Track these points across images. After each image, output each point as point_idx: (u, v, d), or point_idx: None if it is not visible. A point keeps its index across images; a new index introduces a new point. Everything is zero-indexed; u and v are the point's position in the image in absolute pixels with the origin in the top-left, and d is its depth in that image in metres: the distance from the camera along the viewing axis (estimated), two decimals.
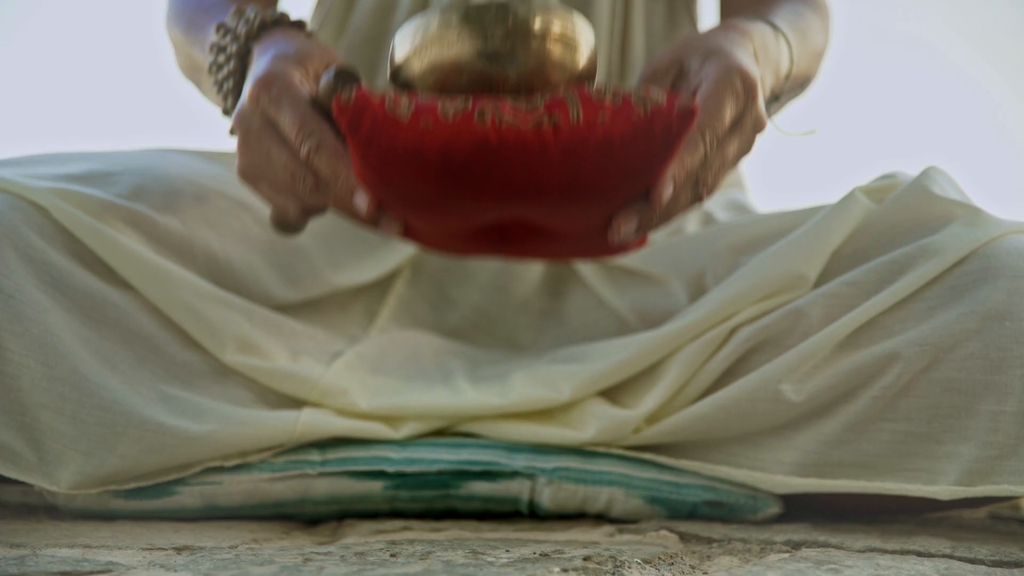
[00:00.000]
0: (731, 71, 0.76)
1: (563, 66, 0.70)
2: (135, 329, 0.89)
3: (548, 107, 0.68)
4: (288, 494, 0.88)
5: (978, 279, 0.83)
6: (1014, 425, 0.80)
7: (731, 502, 0.89)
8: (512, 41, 0.69)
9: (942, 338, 0.82)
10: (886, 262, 0.86)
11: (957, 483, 0.80)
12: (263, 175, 0.75)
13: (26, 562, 0.68)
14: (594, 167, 0.68)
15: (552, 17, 0.70)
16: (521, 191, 0.69)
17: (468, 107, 0.68)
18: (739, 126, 0.77)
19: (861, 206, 0.91)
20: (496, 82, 0.70)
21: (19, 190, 0.87)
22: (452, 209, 0.70)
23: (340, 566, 0.66)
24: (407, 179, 0.68)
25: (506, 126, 0.67)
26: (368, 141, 0.67)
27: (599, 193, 0.70)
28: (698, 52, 0.79)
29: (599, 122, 0.68)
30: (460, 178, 0.68)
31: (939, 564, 0.72)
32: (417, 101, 0.68)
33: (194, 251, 0.95)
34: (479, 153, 0.66)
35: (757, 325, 0.89)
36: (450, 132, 0.67)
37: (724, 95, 0.75)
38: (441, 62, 0.69)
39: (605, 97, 0.69)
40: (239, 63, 0.83)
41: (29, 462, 0.84)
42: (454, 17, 0.69)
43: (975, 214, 0.87)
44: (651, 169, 0.70)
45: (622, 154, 0.68)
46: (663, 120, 0.69)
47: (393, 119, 0.67)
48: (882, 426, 0.84)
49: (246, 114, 0.76)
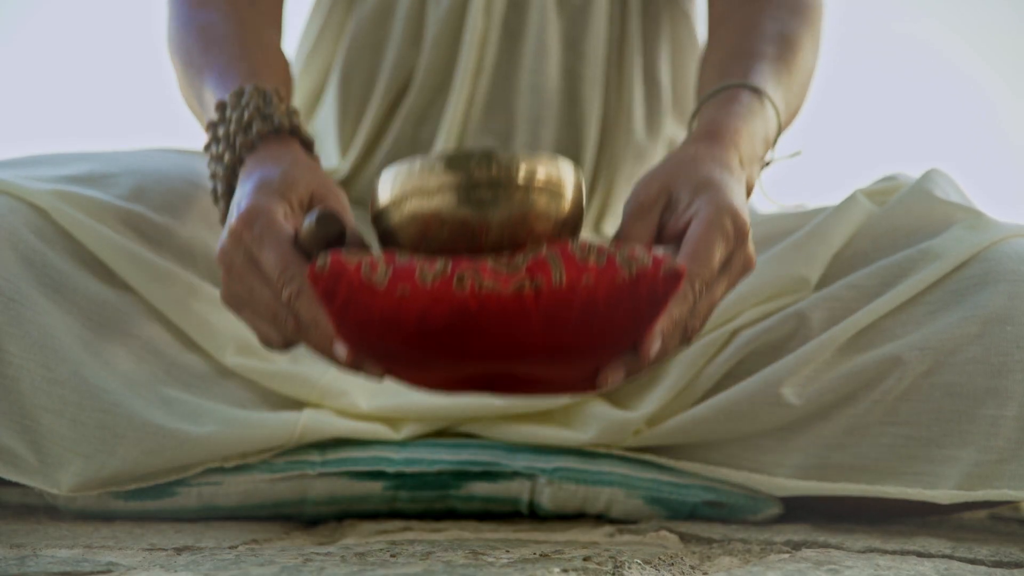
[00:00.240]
0: (721, 212, 0.73)
1: (547, 215, 0.68)
2: (135, 331, 0.89)
3: (529, 269, 0.66)
4: (288, 494, 0.88)
5: (979, 283, 0.83)
6: (1014, 430, 0.80)
7: (731, 503, 0.89)
8: (495, 191, 0.67)
9: (943, 342, 0.82)
10: (887, 265, 0.86)
11: (957, 487, 0.80)
12: (247, 304, 0.74)
13: (26, 562, 0.68)
14: (578, 330, 0.66)
15: (536, 166, 0.67)
16: (503, 354, 0.67)
17: (447, 271, 0.65)
18: (728, 268, 0.74)
19: (862, 209, 0.91)
20: (478, 233, 0.67)
21: (19, 192, 0.87)
22: (433, 367, 0.69)
23: (340, 566, 0.66)
24: (386, 343, 0.67)
25: (486, 291, 0.65)
26: (344, 309, 0.65)
27: (583, 353, 0.68)
28: (687, 184, 0.75)
29: (582, 284, 0.66)
30: (440, 344, 0.66)
31: (939, 564, 0.72)
32: (394, 265, 0.66)
33: (194, 252, 0.95)
34: (458, 320, 0.65)
35: (758, 328, 0.89)
36: (428, 299, 0.64)
37: (714, 240, 0.72)
38: (422, 212, 0.67)
39: (589, 256, 0.67)
40: (230, 173, 0.82)
41: (30, 465, 0.84)
42: (437, 164, 0.67)
43: (976, 218, 0.87)
44: (637, 329, 0.68)
45: (607, 317, 0.66)
46: (649, 282, 0.66)
47: (369, 286, 0.65)
48: (883, 430, 0.84)
49: (228, 250, 0.74)
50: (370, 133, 1.10)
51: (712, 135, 0.82)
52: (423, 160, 0.67)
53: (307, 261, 0.70)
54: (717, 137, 0.82)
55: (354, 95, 1.11)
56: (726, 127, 0.83)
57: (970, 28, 2.18)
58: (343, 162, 1.13)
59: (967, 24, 2.18)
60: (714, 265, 0.72)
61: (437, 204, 0.67)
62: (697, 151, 0.80)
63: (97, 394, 0.85)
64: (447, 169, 0.67)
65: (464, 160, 0.67)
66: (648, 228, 0.75)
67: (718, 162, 0.78)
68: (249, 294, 0.73)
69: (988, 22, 2.17)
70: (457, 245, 0.68)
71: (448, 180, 0.67)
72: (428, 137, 1.09)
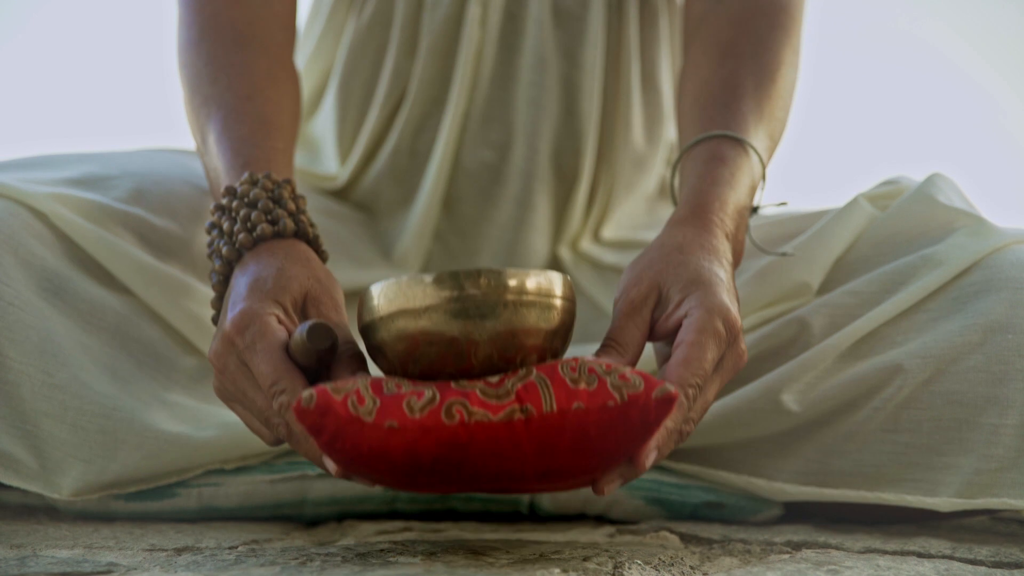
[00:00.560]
0: (712, 314, 0.72)
1: (537, 328, 0.67)
2: (135, 335, 0.89)
3: (519, 395, 0.65)
4: (288, 495, 0.88)
5: (981, 290, 0.83)
6: (1015, 438, 0.80)
7: (731, 504, 0.89)
8: (483, 309, 0.66)
9: (944, 350, 0.82)
10: (889, 272, 0.86)
11: (957, 495, 0.80)
12: (239, 402, 0.74)
13: (27, 563, 0.68)
14: (569, 455, 0.66)
15: (525, 281, 0.67)
16: (494, 479, 0.67)
17: (435, 401, 0.64)
18: (720, 368, 0.73)
19: (865, 213, 0.91)
20: (467, 351, 0.66)
21: (18, 195, 0.87)
22: (423, 490, 0.69)
23: (341, 567, 0.66)
24: (375, 473, 0.66)
25: (475, 420, 0.64)
26: (332, 443, 0.64)
27: (576, 474, 0.68)
28: (677, 281, 0.75)
29: (573, 409, 0.65)
30: (429, 474, 0.65)
31: (939, 565, 0.72)
32: (381, 397, 0.65)
33: (193, 255, 0.95)
34: (448, 452, 0.64)
35: (759, 333, 0.89)
36: (417, 432, 0.64)
37: (706, 344, 0.71)
38: (409, 331, 0.67)
39: (579, 380, 0.66)
40: (226, 268, 0.80)
41: (31, 470, 0.84)
42: (425, 283, 0.66)
43: (978, 224, 0.86)
44: (629, 449, 0.68)
45: (598, 441, 0.66)
46: (640, 407, 0.65)
47: (357, 420, 0.64)
48: (883, 437, 0.84)
49: (221, 353, 0.73)
50: (369, 142, 1.10)
51: (698, 215, 0.81)
52: (411, 278, 0.67)
53: (299, 372, 0.70)
54: (703, 218, 0.81)
55: (353, 102, 1.11)
56: (711, 202, 0.82)
57: (974, 29, 2.18)
58: (342, 169, 1.12)
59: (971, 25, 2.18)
60: (707, 369, 0.71)
61: (425, 323, 0.66)
62: (685, 238, 0.79)
63: (97, 399, 0.85)
64: (435, 288, 0.66)
65: (452, 279, 0.66)
66: (640, 327, 0.74)
67: (706, 250, 0.78)
68: (242, 395, 0.73)
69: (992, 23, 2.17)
70: (446, 362, 0.67)
71: (436, 299, 0.66)
72: (425, 148, 1.08)
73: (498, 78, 1.07)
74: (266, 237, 0.78)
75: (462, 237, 1.10)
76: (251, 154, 0.84)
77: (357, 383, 0.65)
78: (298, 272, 0.76)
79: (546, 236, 1.10)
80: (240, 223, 0.79)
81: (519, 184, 1.07)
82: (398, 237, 1.10)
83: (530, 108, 1.06)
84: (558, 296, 0.68)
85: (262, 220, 0.78)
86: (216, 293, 0.79)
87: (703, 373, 0.71)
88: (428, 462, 0.64)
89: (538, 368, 0.67)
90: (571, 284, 0.70)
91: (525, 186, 1.07)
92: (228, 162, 0.84)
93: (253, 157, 0.84)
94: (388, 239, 1.11)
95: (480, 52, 1.06)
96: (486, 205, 1.08)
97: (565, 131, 1.08)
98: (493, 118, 1.07)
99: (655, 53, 1.12)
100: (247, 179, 0.80)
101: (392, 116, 1.09)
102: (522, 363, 0.68)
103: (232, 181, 0.82)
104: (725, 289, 0.75)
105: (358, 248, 1.09)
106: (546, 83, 1.06)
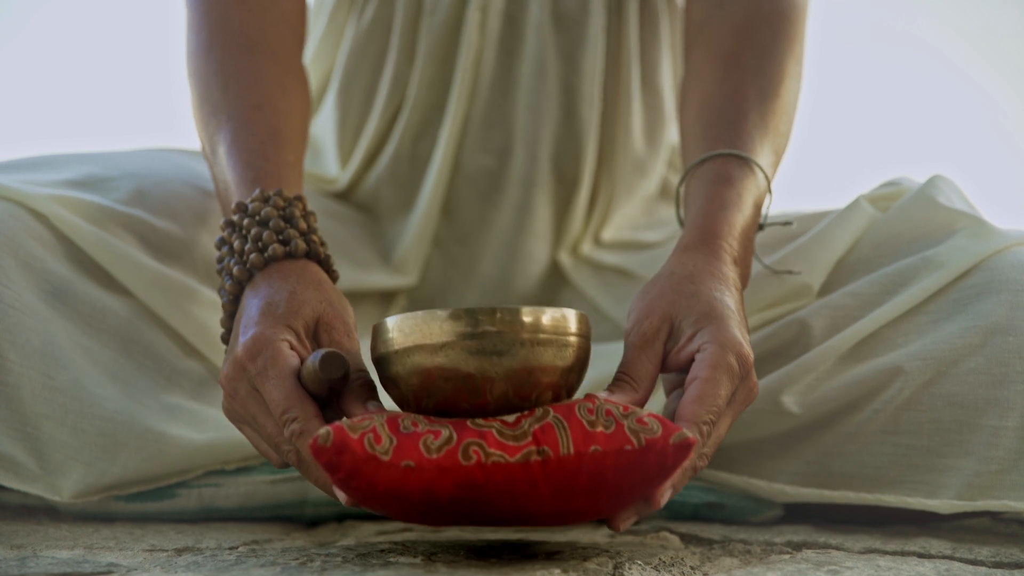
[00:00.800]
0: (726, 350, 0.72)
1: (553, 366, 0.67)
2: (136, 337, 0.89)
3: (536, 436, 0.65)
4: (288, 496, 0.88)
5: (981, 292, 0.82)
6: (1015, 440, 0.80)
7: (732, 504, 0.89)
8: (499, 347, 0.66)
9: (945, 352, 0.82)
10: (889, 273, 0.86)
11: (957, 497, 0.80)
12: (249, 425, 0.74)
13: (27, 564, 0.68)
14: (585, 497, 0.66)
15: (540, 319, 0.67)
16: (510, 520, 0.67)
17: (452, 440, 0.64)
18: (732, 402, 0.74)
19: (866, 215, 0.91)
20: (482, 388, 0.66)
21: (18, 197, 0.87)
22: (437, 525, 0.69)
23: (341, 567, 0.66)
24: (389, 510, 0.66)
25: (492, 461, 0.64)
26: (347, 481, 0.64)
27: (591, 514, 0.68)
28: (690, 315, 0.75)
29: (590, 452, 0.65)
30: (444, 512, 0.65)
31: (939, 565, 0.72)
32: (398, 435, 0.64)
33: (194, 256, 0.95)
34: (465, 493, 0.64)
35: (760, 335, 0.89)
36: (434, 472, 0.63)
37: (720, 381, 0.71)
38: (425, 367, 0.67)
39: (597, 422, 0.66)
40: (236, 287, 0.79)
41: (31, 472, 0.84)
42: (441, 319, 0.66)
43: (979, 225, 0.86)
44: (645, 492, 0.68)
45: (615, 484, 0.66)
46: (658, 452, 0.65)
47: (373, 459, 0.63)
48: (884, 439, 0.84)
49: (232, 377, 0.73)
50: (369, 147, 1.10)
51: (707, 242, 0.81)
52: (427, 314, 0.67)
53: (311, 400, 0.70)
54: (711, 244, 0.81)
55: (353, 107, 1.11)
56: (719, 226, 0.82)
57: (974, 29, 2.18)
58: (343, 173, 1.12)
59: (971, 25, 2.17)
60: (721, 405, 0.71)
61: (441, 359, 0.66)
62: (696, 267, 0.78)
63: (98, 401, 0.85)
64: (451, 324, 0.66)
65: (469, 316, 0.66)
66: (653, 361, 0.74)
67: (717, 279, 0.78)
68: (252, 419, 0.73)
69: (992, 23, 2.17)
70: (461, 397, 0.67)
71: (452, 335, 0.66)
72: (425, 153, 1.08)
73: (498, 83, 1.06)
74: (277, 258, 0.78)
75: (462, 243, 1.10)
76: (262, 168, 0.83)
77: (374, 421, 0.65)
78: (310, 296, 0.76)
79: (546, 241, 1.10)
80: (251, 242, 0.78)
81: (519, 189, 1.07)
82: (397, 241, 1.09)
83: (530, 113, 1.06)
84: (573, 333, 0.69)
85: (273, 240, 0.78)
86: (225, 312, 0.79)
87: (717, 409, 0.71)
88: (444, 501, 0.64)
89: (555, 409, 0.67)
90: (587, 320, 0.70)
91: (525, 191, 1.07)
92: (239, 175, 0.83)
93: (264, 172, 0.83)
94: (388, 242, 1.11)
95: (480, 57, 1.05)
96: (486, 210, 1.08)
97: (565, 136, 1.07)
98: (493, 123, 1.07)
99: (655, 56, 1.11)
100: (258, 196, 0.80)
101: (392, 121, 1.09)
102: (537, 399, 0.68)
103: (243, 197, 0.81)
104: (736, 323, 0.75)
105: (358, 250, 1.09)
106: (546, 88, 1.06)
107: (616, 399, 0.70)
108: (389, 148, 1.09)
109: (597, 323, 1.06)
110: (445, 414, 0.68)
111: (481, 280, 1.09)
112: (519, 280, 1.09)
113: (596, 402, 0.67)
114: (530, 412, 0.67)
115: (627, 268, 1.07)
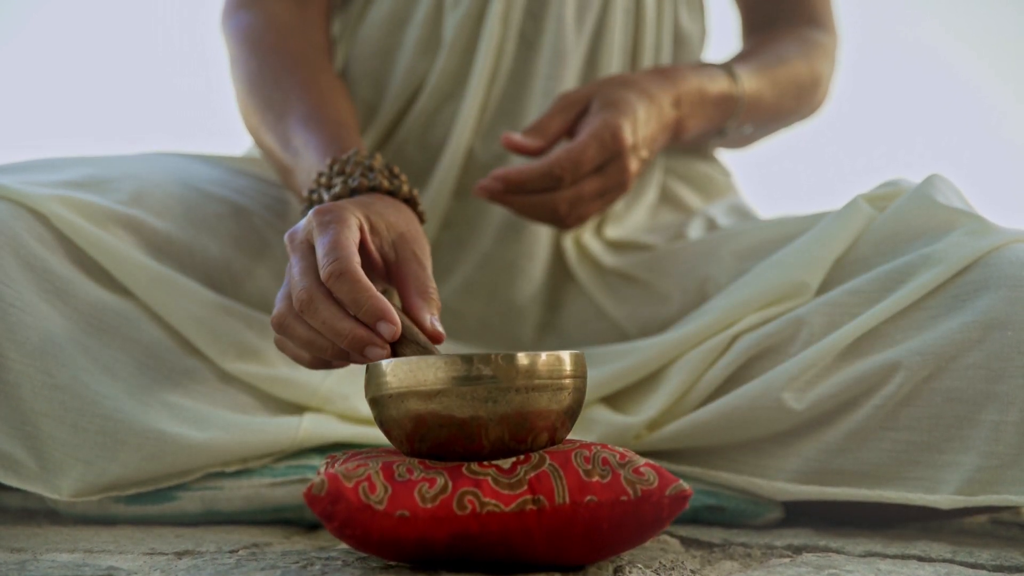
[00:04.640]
0: (605, 127, 0.92)
1: (548, 411, 0.67)
2: (136, 336, 0.89)
3: (532, 485, 0.65)
4: (289, 499, 0.88)
5: (980, 288, 0.83)
6: (1015, 435, 0.80)
7: (732, 507, 0.89)
8: (494, 394, 0.65)
9: (944, 347, 0.82)
10: (888, 271, 0.86)
11: (958, 492, 0.80)
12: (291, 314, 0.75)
13: (27, 567, 0.68)
14: (579, 546, 0.66)
15: (536, 364, 0.66)
16: (504, 567, 0.67)
17: (447, 490, 0.64)
18: (602, 173, 0.94)
19: (863, 214, 0.91)
20: (476, 434, 0.66)
21: (19, 197, 0.87)
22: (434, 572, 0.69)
23: (342, 571, 0.66)
24: (385, 556, 0.67)
25: (487, 511, 0.64)
26: (342, 529, 0.64)
27: (586, 561, 0.68)
28: (603, 99, 0.95)
29: (585, 502, 0.65)
30: (440, 559, 0.65)
31: (940, 569, 0.72)
32: (393, 484, 0.64)
33: (193, 257, 0.95)
34: (459, 542, 0.64)
35: (759, 333, 0.89)
36: (428, 521, 0.64)
37: (590, 144, 0.92)
38: (419, 412, 0.67)
39: (593, 471, 0.66)
40: None
41: (31, 471, 0.84)
42: (436, 365, 0.66)
43: (977, 223, 0.86)
44: (640, 541, 0.68)
45: (609, 534, 0.66)
46: (654, 504, 0.66)
47: (368, 508, 0.64)
48: (883, 435, 0.84)
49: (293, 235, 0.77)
50: (378, 136, 1.10)
51: (659, 71, 1.02)
52: (421, 359, 0.67)
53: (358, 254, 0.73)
54: (662, 73, 1.01)
55: (362, 100, 1.11)
56: (676, 69, 1.02)
57: (972, 31, 2.18)
58: None
59: (969, 27, 2.18)
60: (582, 162, 0.91)
61: (435, 406, 0.66)
62: (636, 79, 0.98)
63: (98, 400, 0.85)
64: (446, 370, 0.66)
65: (464, 363, 0.66)
66: (564, 122, 0.96)
67: (643, 91, 0.97)
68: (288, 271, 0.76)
69: (990, 26, 2.17)
70: (455, 442, 0.67)
71: (447, 382, 0.66)
72: (436, 142, 1.08)
73: (516, 73, 1.07)
74: (362, 189, 0.84)
75: (470, 227, 1.10)
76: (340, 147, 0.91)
77: (368, 468, 0.65)
78: (399, 216, 0.82)
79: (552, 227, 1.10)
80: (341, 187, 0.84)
81: None
82: None
83: (544, 101, 1.06)
84: (568, 375, 0.68)
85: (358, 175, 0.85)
86: None
87: (577, 163, 0.91)
88: (439, 549, 0.65)
89: (551, 456, 0.67)
90: (582, 359, 0.70)
91: None
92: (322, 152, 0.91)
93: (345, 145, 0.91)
94: None
95: (501, 48, 1.06)
96: None
97: None
98: (508, 111, 1.07)
99: (678, 56, 1.14)
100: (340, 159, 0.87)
101: (404, 111, 1.10)
102: (533, 442, 0.68)
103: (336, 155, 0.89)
104: (631, 117, 0.93)
105: None
106: (563, 76, 1.06)
107: (520, 139, 0.94)
108: (399, 135, 1.09)
109: (596, 320, 1.07)
110: (440, 457, 0.68)
111: (489, 261, 1.09)
112: (524, 261, 1.09)
113: (592, 449, 0.68)
114: (526, 458, 0.67)
115: (629, 271, 1.07)
